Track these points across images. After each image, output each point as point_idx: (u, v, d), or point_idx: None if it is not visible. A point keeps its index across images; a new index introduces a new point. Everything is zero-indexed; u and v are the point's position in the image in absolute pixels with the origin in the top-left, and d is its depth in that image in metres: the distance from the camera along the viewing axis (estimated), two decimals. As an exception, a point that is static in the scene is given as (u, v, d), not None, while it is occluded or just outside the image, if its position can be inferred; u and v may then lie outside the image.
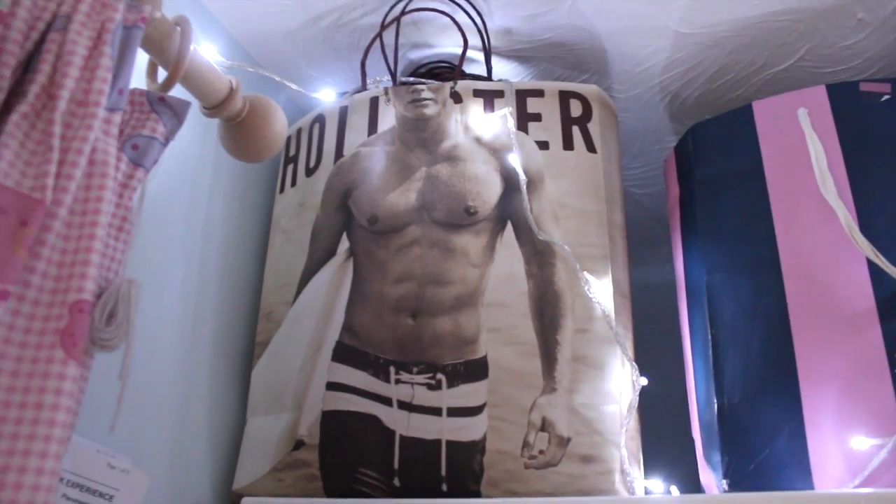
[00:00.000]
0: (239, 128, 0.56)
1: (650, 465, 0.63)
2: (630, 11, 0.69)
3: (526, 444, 0.56)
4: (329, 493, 0.59)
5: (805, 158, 0.62)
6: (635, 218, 0.92)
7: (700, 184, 0.66)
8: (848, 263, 0.58)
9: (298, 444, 0.61)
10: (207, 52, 0.64)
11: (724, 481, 0.55)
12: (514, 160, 0.63)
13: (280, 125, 0.56)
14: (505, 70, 0.77)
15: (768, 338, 0.58)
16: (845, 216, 0.58)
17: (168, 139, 0.49)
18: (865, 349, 0.55)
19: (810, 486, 0.53)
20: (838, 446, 0.53)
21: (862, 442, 0.52)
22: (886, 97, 0.63)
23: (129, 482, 0.51)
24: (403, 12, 0.69)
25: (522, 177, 0.63)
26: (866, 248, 0.57)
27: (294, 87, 0.71)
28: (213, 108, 0.53)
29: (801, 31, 0.71)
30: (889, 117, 0.62)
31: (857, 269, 0.58)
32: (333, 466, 0.59)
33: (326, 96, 0.72)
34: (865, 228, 0.59)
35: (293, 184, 0.72)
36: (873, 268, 0.57)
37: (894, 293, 0.56)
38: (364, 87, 0.71)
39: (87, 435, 0.47)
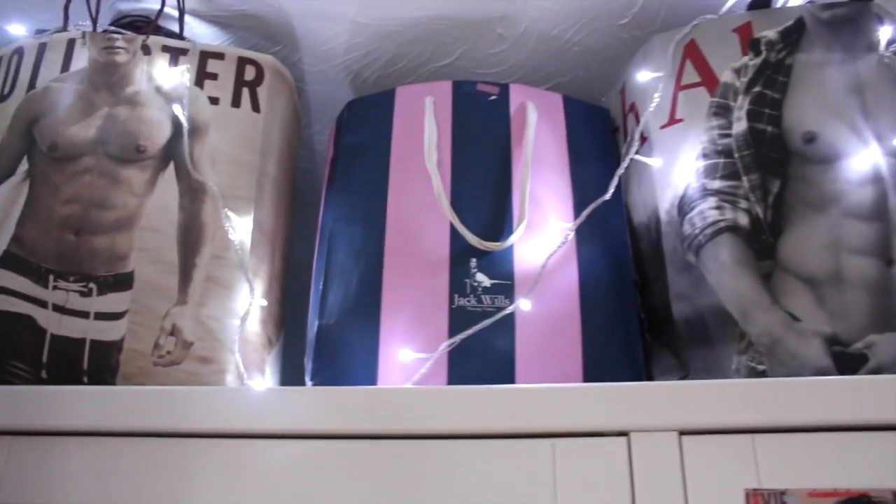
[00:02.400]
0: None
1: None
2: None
3: (157, 346, 0.68)
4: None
5: (422, 136, 0.78)
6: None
7: (343, 148, 0.80)
8: (435, 222, 0.74)
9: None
10: None
11: (310, 382, 0.70)
12: (179, 110, 0.74)
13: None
14: (206, 33, 0.87)
15: (365, 274, 0.73)
16: (438, 185, 0.74)
17: None
18: (435, 289, 0.72)
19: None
20: (399, 359, 0.69)
21: (409, 354, 0.68)
22: (493, 97, 0.80)
23: None
24: (103, -33, 0.77)
25: (186, 125, 0.74)
26: (447, 212, 0.73)
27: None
28: None
29: (455, 36, 0.87)
30: (492, 113, 0.79)
31: (440, 228, 0.74)
32: (-12, 357, 0.68)
33: (16, 30, 0.79)
34: (455, 198, 0.75)
35: (-14, 107, 0.78)
36: (453, 228, 0.73)
37: (463, 249, 0.73)
38: (65, 29, 0.79)
39: None
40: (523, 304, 0.69)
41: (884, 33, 0.72)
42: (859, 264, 0.67)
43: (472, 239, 0.72)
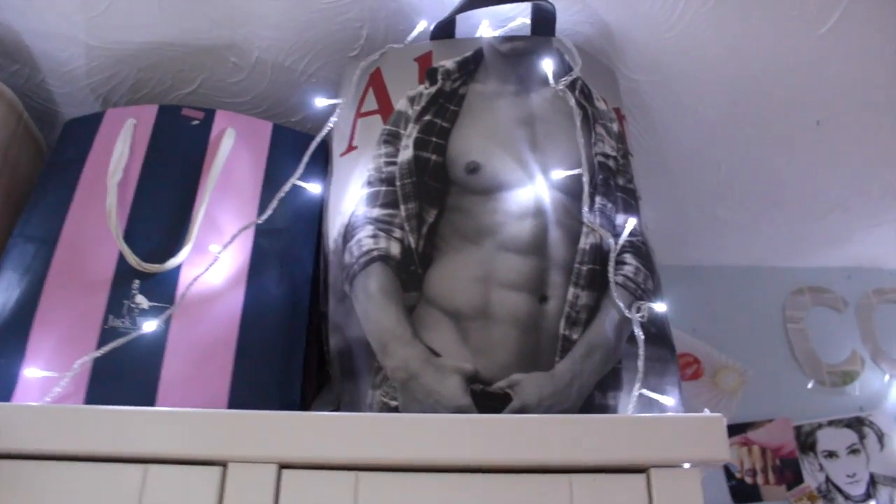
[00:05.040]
0: None
1: None
2: (39, 16, 0.82)
3: None
4: None
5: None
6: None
7: (47, 166, 0.78)
8: (107, 242, 0.71)
9: None
10: None
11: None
12: None
13: None
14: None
15: (25, 292, 0.70)
16: (111, 203, 0.72)
17: None
18: (91, 309, 0.69)
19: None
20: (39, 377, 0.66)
21: (36, 372, 0.65)
22: (197, 122, 0.79)
23: None
24: None
25: None
26: (113, 229, 0.71)
27: None
28: None
29: (192, 63, 0.86)
30: (192, 138, 0.78)
31: (111, 248, 0.71)
32: None
33: None
34: (135, 219, 0.73)
35: None
36: (122, 249, 0.71)
37: (128, 271, 0.70)
38: None
39: None
40: (147, 326, 0.66)
41: (560, 68, 0.71)
42: (509, 299, 0.64)
43: (132, 259, 0.70)
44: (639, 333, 0.64)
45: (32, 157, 0.88)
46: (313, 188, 0.72)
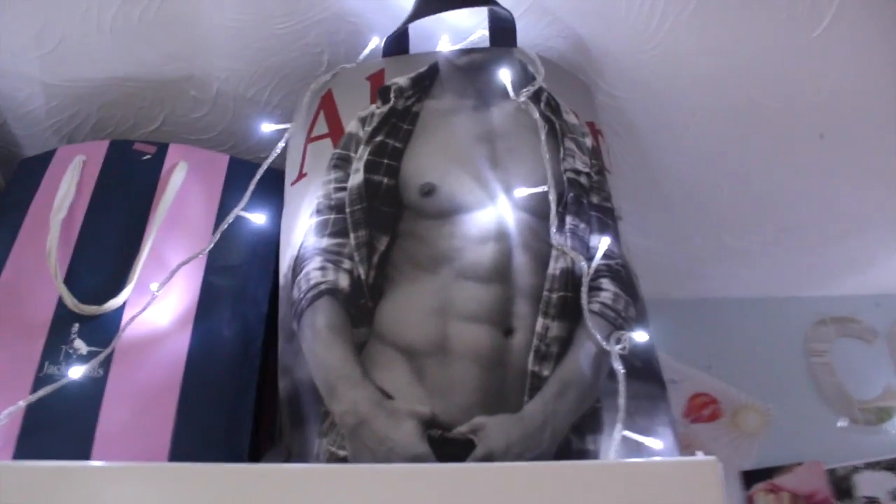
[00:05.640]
0: None
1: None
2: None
3: None
4: None
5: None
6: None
7: (1, 205, 0.75)
8: (49, 283, 0.67)
9: None
10: None
11: None
12: None
13: None
14: None
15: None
16: (51, 241, 0.67)
17: None
18: (26, 355, 0.64)
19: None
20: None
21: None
22: (148, 156, 0.75)
23: None
24: None
25: None
26: (52, 269, 0.66)
27: None
28: None
29: (151, 99, 0.83)
30: (143, 173, 0.73)
31: (52, 289, 0.67)
32: None
33: None
34: (78, 258, 0.69)
35: None
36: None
37: (69, 314, 0.65)
38: None
39: None
40: (73, 372, 0.60)
41: (522, 79, 0.65)
42: (470, 333, 0.58)
43: (69, 300, 0.65)
44: (618, 368, 0.57)
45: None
46: (258, 219, 0.67)
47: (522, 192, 0.61)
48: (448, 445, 0.55)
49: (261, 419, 0.69)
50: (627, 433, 0.56)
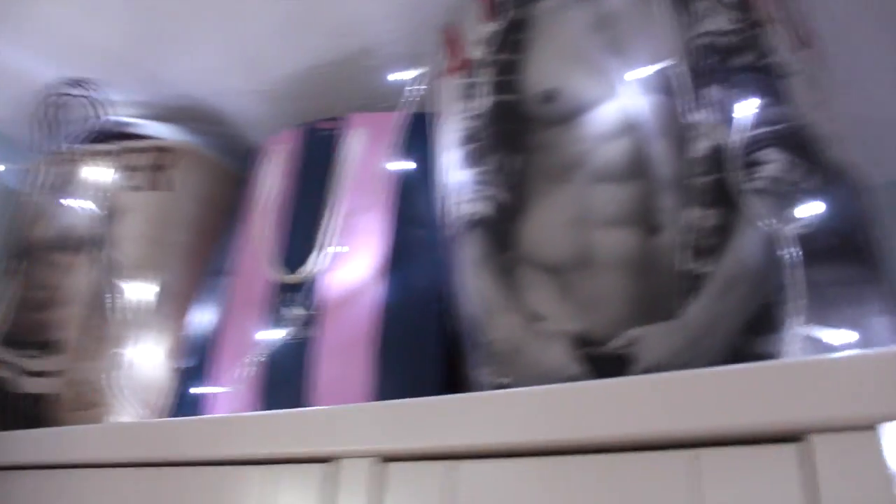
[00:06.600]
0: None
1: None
2: (204, 79, 0.92)
3: (76, 395, 0.82)
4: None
5: (273, 184, 0.81)
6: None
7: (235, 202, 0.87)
8: (263, 262, 0.77)
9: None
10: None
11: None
12: (102, 202, 0.90)
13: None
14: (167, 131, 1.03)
15: (215, 321, 0.78)
16: (261, 226, 0.77)
17: None
18: (254, 326, 0.74)
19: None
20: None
21: (212, 389, 0.72)
22: (332, 132, 0.80)
23: None
24: (58, 97, 0.98)
25: (99, 213, 0.89)
26: (264, 249, 0.75)
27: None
28: None
29: (339, 79, 0.89)
30: (329, 148, 0.79)
31: (266, 265, 0.76)
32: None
33: None
34: (286, 236, 0.77)
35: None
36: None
37: (280, 286, 0.74)
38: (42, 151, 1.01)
39: None
40: (288, 333, 0.67)
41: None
42: (613, 238, 0.53)
43: (277, 273, 0.73)
44: (792, 251, 0.47)
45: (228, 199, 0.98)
46: (407, 165, 0.68)
47: (645, 72, 0.53)
48: (604, 362, 0.51)
49: (456, 357, 0.70)
50: (808, 328, 0.46)
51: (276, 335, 0.71)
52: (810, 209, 0.48)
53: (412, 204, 0.74)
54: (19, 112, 1.03)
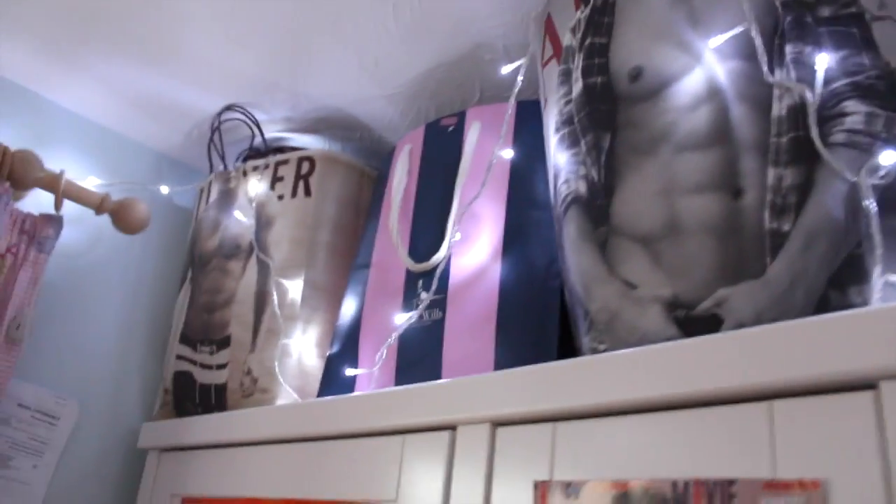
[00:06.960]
0: (115, 217, 1.04)
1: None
2: (338, 90, 1.01)
3: (241, 384, 0.95)
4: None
5: (402, 181, 0.88)
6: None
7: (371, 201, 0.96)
8: (396, 259, 0.84)
9: (166, 390, 1.07)
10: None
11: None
12: (248, 214, 1.01)
13: (138, 214, 1.04)
14: (307, 140, 1.13)
15: (355, 311, 0.87)
16: (393, 219, 0.84)
17: (56, 236, 1.00)
18: (392, 312, 0.82)
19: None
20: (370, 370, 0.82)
21: (353, 371, 0.80)
22: (452, 127, 0.86)
23: (67, 411, 1.04)
24: (219, 123, 1.11)
25: (252, 223, 1.00)
26: (395, 241, 0.83)
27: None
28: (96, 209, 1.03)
29: (461, 75, 0.95)
30: (450, 143, 0.85)
31: (400, 263, 0.84)
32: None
33: (163, 189, 1.18)
34: (416, 228, 0.84)
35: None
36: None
37: (413, 274, 0.81)
38: (210, 172, 1.15)
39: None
40: (418, 317, 0.74)
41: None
42: (697, 204, 0.55)
43: (406, 262, 0.81)
44: (868, 203, 0.48)
45: (365, 197, 1.06)
46: (507, 154, 0.72)
47: (721, 38, 0.55)
48: (695, 323, 0.54)
49: (570, 329, 0.74)
50: (891, 277, 0.46)
51: (409, 319, 0.78)
52: (891, 158, 0.48)
53: (527, 188, 0.78)
54: (186, 139, 1.18)
